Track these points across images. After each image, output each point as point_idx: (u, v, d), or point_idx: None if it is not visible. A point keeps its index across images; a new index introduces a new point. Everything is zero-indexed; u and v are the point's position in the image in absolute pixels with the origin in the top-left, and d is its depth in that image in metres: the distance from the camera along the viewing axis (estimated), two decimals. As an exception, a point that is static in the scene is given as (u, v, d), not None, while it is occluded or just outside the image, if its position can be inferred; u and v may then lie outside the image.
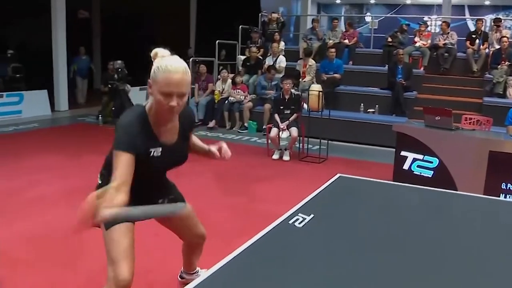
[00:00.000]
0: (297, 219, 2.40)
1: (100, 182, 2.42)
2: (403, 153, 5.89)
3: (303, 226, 2.34)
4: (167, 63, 2.11)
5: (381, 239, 2.29)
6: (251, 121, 10.27)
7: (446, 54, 10.98)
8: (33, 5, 14.03)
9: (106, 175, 2.29)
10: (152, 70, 2.14)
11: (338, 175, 3.20)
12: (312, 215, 2.45)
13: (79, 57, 14.20)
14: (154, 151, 2.23)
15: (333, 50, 10.58)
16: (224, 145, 2.54)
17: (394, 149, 6.10)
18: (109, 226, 2.28)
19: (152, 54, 2.20)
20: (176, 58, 2.16)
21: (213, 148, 2.55)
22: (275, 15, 12.86)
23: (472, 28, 14.49)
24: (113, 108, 10.37)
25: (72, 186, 5.64)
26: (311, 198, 2.73)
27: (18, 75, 12.15)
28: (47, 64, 12.53)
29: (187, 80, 2.13)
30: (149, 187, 2.37)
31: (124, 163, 2.04)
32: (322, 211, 2.57)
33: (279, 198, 5.45)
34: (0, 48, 12.95)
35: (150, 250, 3.73)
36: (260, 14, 13.63)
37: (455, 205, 2.99)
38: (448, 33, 11.24)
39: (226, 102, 10.47)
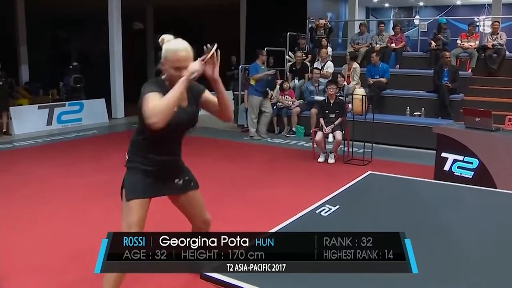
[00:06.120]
0: (324, 209, 2.67)
1: (127, 157, 2.89)
2: (443, 154, 6.02)
3: (328, 215, 2.62)
4: (174, 45, 2.72)
5: (403, 227, 2.52)
6: (298, 126, 10.52)
7: (494, 55, 10.86)
8: (92, 19, 14.84)
9: (132, 152, 2.85)
10: (162, 53, 2.73)
11: (368, 172, 3.44)
12: (338, 206, 2.72)
13: None
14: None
15: (374, 55, 10.70)
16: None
17: (436, 151, 6.22)
18: (129, 199, 2.75)
19: (159, 40, 2.77)
20: (180, 40, 2.76)
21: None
22: (322, 21, 13.02)
23: (525, 27, 14.23)
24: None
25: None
26: (340, 192, 2.99)
27: (78, 85, 12.91)
28: (104, 74, 13.25)
29: (190, 56, 2.72)
30: (168, 162, 2.84)
31: (155, 97, 2.58)
32: (348, 203, 2.83)
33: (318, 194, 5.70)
34: (65, 60, 13.77)
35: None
36: (307, 21, 13.86)
37: (477, 199, 3.17)
38: (498, 33, 11.12)
39: (275, 107, 10.76)
